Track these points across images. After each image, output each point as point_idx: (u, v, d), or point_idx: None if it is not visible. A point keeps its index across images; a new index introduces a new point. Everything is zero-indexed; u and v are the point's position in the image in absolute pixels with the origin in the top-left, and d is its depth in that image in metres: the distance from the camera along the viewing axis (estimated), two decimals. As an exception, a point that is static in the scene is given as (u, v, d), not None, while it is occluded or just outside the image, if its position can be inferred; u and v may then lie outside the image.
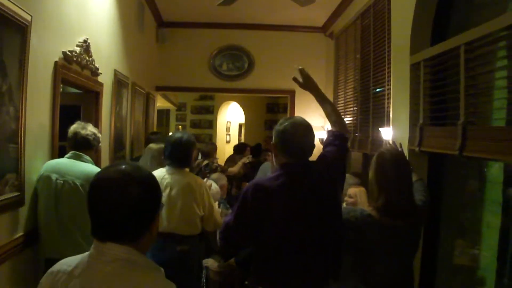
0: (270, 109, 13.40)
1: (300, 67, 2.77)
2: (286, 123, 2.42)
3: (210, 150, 6.84)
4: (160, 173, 3.61)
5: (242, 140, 13.85)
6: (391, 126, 4.05)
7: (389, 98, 4.46)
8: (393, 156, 2.53)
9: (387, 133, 4.20)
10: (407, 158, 3.28)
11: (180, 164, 3.63)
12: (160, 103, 9.51)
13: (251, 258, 2.59)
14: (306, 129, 2.41)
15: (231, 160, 8.11)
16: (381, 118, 4.75)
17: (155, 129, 7.94)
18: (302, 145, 2.39)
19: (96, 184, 1.43)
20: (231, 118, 14.30)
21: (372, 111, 5.21)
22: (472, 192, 3.34)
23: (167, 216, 3.50)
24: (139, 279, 1.38)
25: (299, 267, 2.33)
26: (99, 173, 1.47)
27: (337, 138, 2.55)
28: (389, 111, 4.37)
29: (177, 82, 8.12)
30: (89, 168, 3.09)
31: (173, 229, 3.48)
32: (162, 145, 4.16)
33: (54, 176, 2.97)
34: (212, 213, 3.62)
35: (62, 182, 2.96)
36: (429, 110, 3.22)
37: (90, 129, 3.26)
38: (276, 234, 2.33)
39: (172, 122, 13.95)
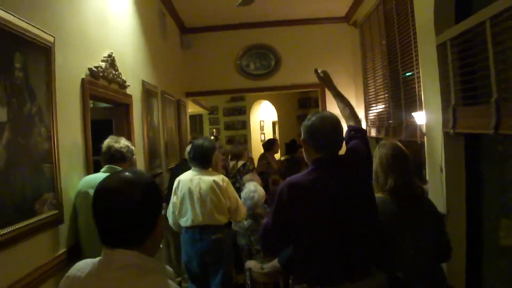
0: (302, 104, 13.34)
1: (319, 70, 2.96)
2: (313, 118, 2.43)
3: (240, 151, 6.87)
4: (189, 175, 4.22)
5: (277, 138, 13.85)
6: (423, 110, 3.97)
7: (419, 82, 4.38)
8: (393, 146, 2.74)
9: (420, 118, 4.11)
10: (442, 141, 3.26)
11: (202, 165, 4.20)
12: (192, 108, 9.60)
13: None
14: (334, 123, 2.41)
15: (262, 159, 8.05)
16: (413, 103, 4.68)
17: (188, 136, 8.03)
18: (331, 139, 2.39)
19: (98, 193, 1.48)
20: (264, 117, 14.31)
21: (404, 96, 5.12)
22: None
23: (200, 210, 4.05)
24: (148, 284, 1.42)
25: (340, 260, 2.31)
26: (101, 182, 1.51)
27: (357, 131, 2.61)
28: (421, 95, 4.29)
29: (207, 87, 8.18)
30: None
31: (207, 221, 4.03)
32: (216, 152, 4.60)
33: (91, 191, 2.99)
34: (237, 205, 4.15)
35: (99, 197, 3.00)
36: (460, 90, 3.13)
37: (123, 142, 3.31)
38: (315, 229, 2.32)
39: (206, 126, 14.07)
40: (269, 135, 14.39)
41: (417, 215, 2.61)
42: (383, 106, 6.26)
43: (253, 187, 4.67)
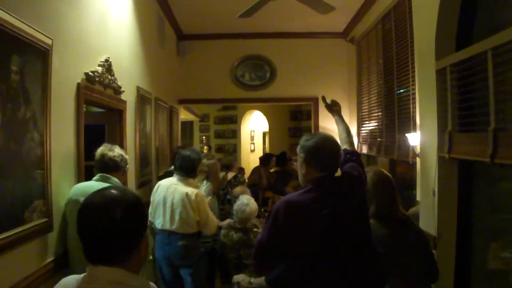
0: (294, 116, 13.36)
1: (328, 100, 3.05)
2: (314, 139, 2.47)
3: (230, 162, 6.80)
4: (168, 182, 4.39)
5: (267, 149, 13.83)
6: (418, 132, 3.98)
7: (414, 103, 4.41)
8: (376, 172, 2.86)
9: (414, 139, 4.13)
10: (436, 164, 3.28)
11: (186, 174, 4.35)
12: (183, 115, 9.55)
13: (281, 276, 2.59)
14: (335, 143, 2.49)
15: (256, 172, 8.05)
16: (407, 123, 4.72)
17: (179, 143, 7.98)
18: (333, 158, 2.45)
19: (82, 209, 1.49)
20: (254, 127, 14.32)
21: (398, 116, 5.15)
22: (503, 196, 3.26)
23: (169, 218, 4.24)
24: None
25: (334, 279, 2.29)
26: (86, 199, 1.52)
27: (352, 155, 2.68)
28: (415, 116, 4.32)
29: (200, 94, 8.16)
30: (118, 190, 3.08)
31: (174, 229, 4.22)
32: (214, 161, 5.21)
33: (82, 200, 2.96)
34: (207, 220, 4.28)
35: (91, 206, 2.96)
36: (458, 116, 3.14)
37: (117, 150, 3.28)
38: (312, 249, 2.31)
39: (196, 133, 14.04)
40: (259, 145, 14.39)
41: (405, 239, 2.67)
42: (376, 124, 6.27)
43: (246, 200, 4.63)
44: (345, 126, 2.95)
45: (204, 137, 14.10)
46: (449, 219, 3.29)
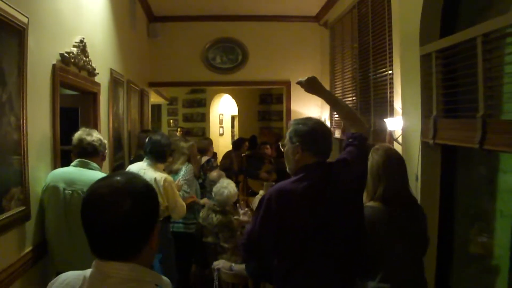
0: (263, 100, 13.32)
1: (299, 80, 2.74)
2: (310, 123, 2.40)
3: (206, 146, 6.68)
4: (136, 168, 4.28)
5: (236, 133, 13.77)
6: (399, 116, 3.98)
7: (392, 87, 4.40)
8: (386, 152, 2.69)
9: (391, 123, 4.12)
10: (419, 150, 3.28)
11: (156, 159, 4.29)
12: (152, 98, 9.38)
13: (263, 267, 2.57)
14: (328, 128, 2.45)
15: (227, 157, 7.94)
16: (383, 107, 4.71)
17: (149, 126, 7.83)
18: (328, 143, 2.41)
19: (88, 201, 1.35)
20: (223, 111, 14.21)
21: (374, 101, 5.15)
22: (485, 182, 3.31)
23: None
24: None
25: (325, 270, 2.26)
26: (90, 189, 1.39)
27: (356, 138, 2.49)
28: (392, 100, 4.32)
29: (170, 77, 8.00)
30: (98, 175, 2.94)
31: None
32: (191, 142, 5.25)
33: (61, 186, 2.87)
34: (176, 205, 4.24)
35: (70, 192, 2.86)
36: (443, 102, 3.14)
37: (96, 135, 3.16)
38: (306, 239, 2.26)
39: (164, 116, 13.84)
40: (227, 129, 14.30)
41: (409, 224, 2.57)
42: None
43: (225, 184, 4.61)
44: (344, 108, 2.68)
45: (172, 121, 13.90)
46: (431, 203, 3.30)
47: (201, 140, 6.77)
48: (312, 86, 2.67)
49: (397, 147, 3.98)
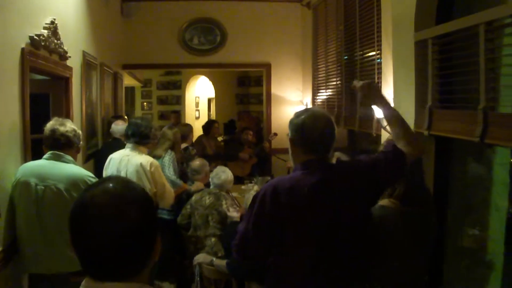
0: (241, 83, 13.13)
1: (354, 83, 2.43)
2: (303, 116, 2.26)
3: (185, 132, 6.49)
4: (119, 155, 4.19)
5: (212, 116, 13.60)
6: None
7: (379, 72, 4.34)
8: None
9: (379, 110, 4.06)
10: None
11: (138, 142, 4.16)
12: (126, 81, 9.18)
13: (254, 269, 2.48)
14: (327, 122, 2.25)
15: (198, 143, 7.66)
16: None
17: (123, 110, 7.66)
18: (323, 140, 2.24)
19: (81, 212, 1.18)
20: (200, 93, 14.00)
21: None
22: (479, 175, 3.28)
23: None
24: None
25: (322, 274, 2.17)
26: (81, 198, 1.20)
27: (395, 156, 2.23)
28: (380, 86, 4.24)
29: (145, 59, 7.80)
30: (73, 169, 2.87)
31: None
32: (176, 129, 5.27)
33: (33, 181, 2.73)
34: (164, 191, 4.17)
35: (43, 187, 2.73)
36: (439, 92, 3.07)
37: (70, 125, 3.00)
38: (301, 241, 2.17)
39: (138, 99, 13.57)
40: (204, 112, 14.11)
41: (422, 227, 2.45)
42: (334, 92, 6.24)
43: (223, 168, 4.63)
44: (404, 125, 2.31)
45: (146, 103, 13.65)
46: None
47: (180, 127, 6.60)
48: (371, 94, 2.36)
49: (385, 135, 3.92)
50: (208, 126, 7.84)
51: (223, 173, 4.50)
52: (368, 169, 2.23)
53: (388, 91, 3.93)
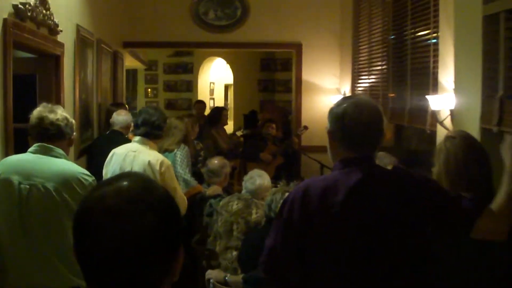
0: (265, 66, 13.11)
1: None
2: (345, 104, 2.22)
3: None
4: (124, 150, 4.16)
5: (231, 106, 13.63)
6: (446, 93, 3.92)
7: (436, 55, 4.31)
8: (466, 138, 2.52)
9: (438, 102, 4.02)
10: (479, 138, 3.16)
11: (151, 132, 4.12)
12: (127, 62, 9.26)
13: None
14: (374, 112, 2.21)
15: (207, 137, 7.61)
16: (425, 80, 4.64)
17: (124, 97, 7.73)
18: (368, 133, 2.20)
19: (87, 218, 1.15)
20: (215, 78, 14.09)
21: (411, 71, 5.07)
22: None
23: None
24: None
25: None
26: (89, 199, 1.18)
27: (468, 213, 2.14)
28: (437, 72, 4.26)
29: (151, 36, 7.87)
30: (64, 165, 2.88)
31: None
32: (187, 119, 5.31)
33: (15, 179, 2.75)
34: (175, 196, 4.00)
35: (27, 186, 2.74)
36: (513, 79, 3.02)
37: (61, 113, 3.00)
38: (328, 258, 2.13)
39: (140, 85, 13.68)
40: (219, 101, 14.14)
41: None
42: (379, 79, 6.23)
43: (260, 172, 4.60)
44: None
45: (150, 90, 13.75)
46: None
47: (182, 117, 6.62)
48: None
49: (442, 132, 3.88)
50: (217, 114, 7.82)
51: (259, 178, 4.47)
52: (434, 204, 2.16)
53: (447, 78, 3.90)
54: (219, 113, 7.85)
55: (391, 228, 2.11)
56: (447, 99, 3.88)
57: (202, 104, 9.44)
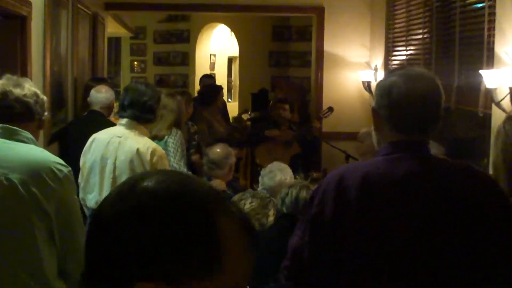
0: (278, 35, 13.05)
1: None
2: (394, 77, 2.22)
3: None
4: (107, 135, 4.20)
5: (235, 83, 13.62)
6: (505, 67, 3.90)
7: (491, 23, 4.32)
8: None
9: (494, 79, 4.00)
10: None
11: (141, 116, 4.12)
12: (109, 28, 9.28)
13: None
14: (430, 85, 2.19)
15: (200, 119, 7.51)
16: (477, 53, 4.65)
17: (105, 70, 7.77)
18: (421, 112, 2.19)
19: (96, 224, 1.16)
20: (217, 50, 14.10)
21: (460, 41, 5.06)
22: None
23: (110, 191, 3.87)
24: None
25: None
26: (107, 207, 1.16)
27: None
28: (492, 42, 4.25)
29: (138, -4, 7.92)
30: (34, 153, 2.84)
31: None
32: (180, 97, 5.29)
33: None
34: None
35: (-13, 179, 2.73)
36: None
37: (29, 87, 2.97)
38: (368, 264, 2.12)
39: (125, 57, 13.72)
40: (222, 76, 14.09)
41: None
42: (418, 50, 6.25)
43: (282, 166, 4.66)
44: None
45: (136, 63, 13.76)
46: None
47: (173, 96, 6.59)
48: None
49: (499, 115, 3.87)
50: (212, 92, 7.75)
51: (280, 173, 4.49)
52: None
53: (505, 49, 3.87)
54: (215, 91, 7.79)
55: (446, 243, 2.09)
56: (505, 75, 3.86)
57: (210, 79, 9.42)
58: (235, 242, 1.17)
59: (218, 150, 5.10)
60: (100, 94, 5.21)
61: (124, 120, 4.13)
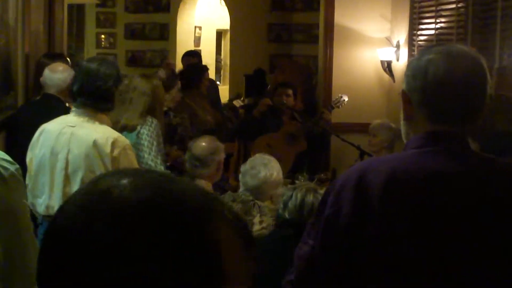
0: (278, 4, 13.07)
1: None
2: (431, 54, 2.20)
3: (170, 84, 6.39)
4: (58, 125, 4.21)
5: (225, 62, 13.64)
6: None
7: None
8: None
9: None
10: None
11: (95, 103, 4.14)
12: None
13: None
14: (473, 67, 2.17)
15: (182, 106, 7.49)
16: None
17: (65, 45, 7.82)
18: (461, 98, 2.17)
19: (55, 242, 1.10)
20: (202, 21, 14.16)
21: (501, 20, 5.13)
22: None
23: (62, 192, 4.09)
24: None
25: None
26: (66, 213, 1.10)
27: None
28: None
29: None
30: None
31: None
32: (157, 81, 5.27)
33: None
34: None
35: None
36: None
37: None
38: (393, 274, 2.13)
39: (90, 28, 13.74)
40: (209, 54, 14.16)
41: None
42: (452, 25, 6.27)
43: (266, 160, 4.59)
44: None
45: (104, 36, 13.76)
46: None
47: (158, 74, 6.59)
48: None
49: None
50: (195, 73, 7.74)
51: (264, 168, 4.46)
52: None
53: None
54: (198, 74, 7.76)
55: (488, 258, 2.10)
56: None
57: (194, 57, 9.41)
58: (234, 257, 1.15)
59: (203, 144, 5.06)
60: (56, 75, 5.19)
61: (76, 108, 4.17)
